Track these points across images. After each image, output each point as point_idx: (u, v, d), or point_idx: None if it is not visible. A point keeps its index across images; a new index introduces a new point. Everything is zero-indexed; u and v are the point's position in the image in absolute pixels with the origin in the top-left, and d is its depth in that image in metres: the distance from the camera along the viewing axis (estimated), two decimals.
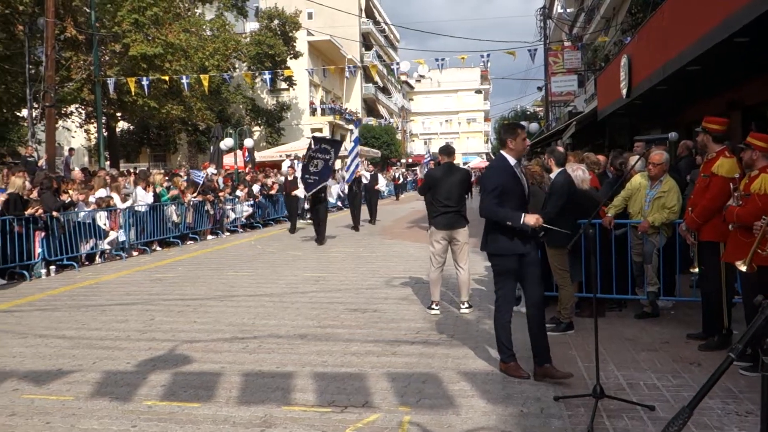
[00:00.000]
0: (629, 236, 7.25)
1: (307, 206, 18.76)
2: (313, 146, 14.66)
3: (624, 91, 13.47)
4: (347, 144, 37.93)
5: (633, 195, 7.15)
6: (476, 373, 5.28)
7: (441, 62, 20.97)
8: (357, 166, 18.48)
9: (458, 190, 7.36)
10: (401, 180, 39.48)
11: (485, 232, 5.24)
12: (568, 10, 32.27)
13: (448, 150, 7.84)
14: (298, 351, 6.02)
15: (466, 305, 7.52)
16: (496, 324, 5.26)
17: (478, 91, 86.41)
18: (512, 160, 5.11)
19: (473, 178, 11.96)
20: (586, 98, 26.51)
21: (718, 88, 11.77)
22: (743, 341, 1.84)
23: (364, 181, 19.90)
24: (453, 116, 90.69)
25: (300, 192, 15.55)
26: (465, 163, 58.65)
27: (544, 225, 5.03)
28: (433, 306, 7.52)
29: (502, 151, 5.29)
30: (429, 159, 28.21)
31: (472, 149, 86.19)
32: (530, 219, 4.88)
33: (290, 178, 17.86)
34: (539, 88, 36.59)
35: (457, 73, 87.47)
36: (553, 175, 6.56)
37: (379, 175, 21.91)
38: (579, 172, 6.95)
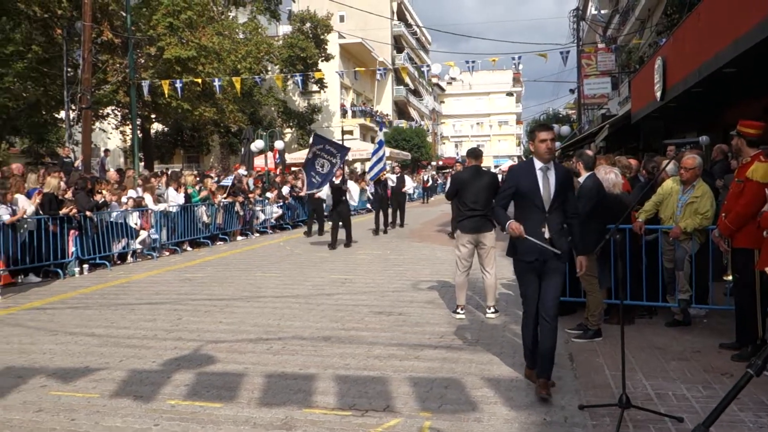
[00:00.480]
0: (660, 242, 7.10)
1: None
2: (316, 143, 14.40)
3: (658, 94, 13.23)
4: (361, 145, 38.22)
5: (664, 200, 7.00)
6: (500, 380, 5.21)
7: (472, 64, 20.80)
8: (382, 168, 17.89)
9: (485, 193, 7.28)
10: (430, 183, 39.08)
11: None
12: (602, 12, 31.89)
13: (475, 153, 7.76)
14: (322, 353, 6.02)
15: (492, 310, 7.44)
16: (522, 328, 5.15)
17: (510, 94, 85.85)
18: (538, 163, 4.85)
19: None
20: (619, 101, 26.12)
21: (755, 92, 11.49)
22: (762, 356, 1.76)
23: (391, 183, 19.32)
24: (484, 119, 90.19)
25: (322, 193, 15.16)
26: (496, 166, 58.30)
27: (527, 237, 4.71)
28: (459, 310, 7.45)
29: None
30: (460, 162, 27.95)
31: (504, 152, 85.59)
32: (512, 227, 4.73)
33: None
34: (572, 91, 36.19)
35: (489, 75, 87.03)
36: (581, 179, 6.45)
37: (407, 177, 21.31)
38: (611, 176, 6.83)
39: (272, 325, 7.15)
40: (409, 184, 21.40)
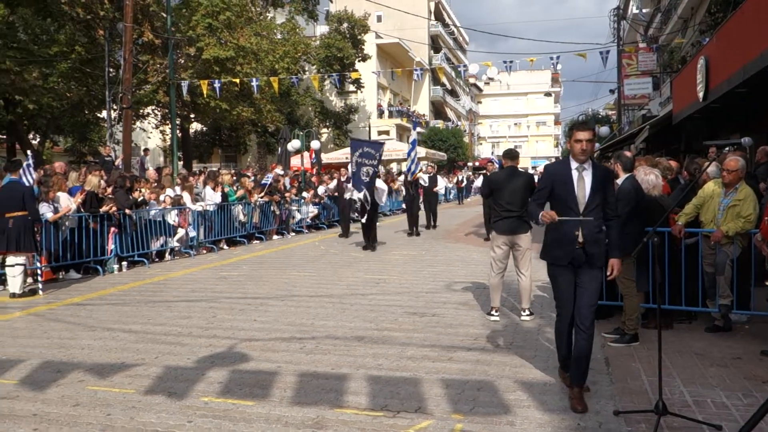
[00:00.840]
0: (700, 245, 6.94)
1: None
2: (354, 149, 14.12)
3: (701, 94, 12.95)
4: (398, 145, 38.13)
5: (705, 203, 6.83)
6: (534, 383, 5.14)
7: (510, 65, 20.59)
8: (417, 167, 17.68)
9: (521, 194, 7.21)
10: (465, 183, 38.23)
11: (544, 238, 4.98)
12: (644, 11, 31.33)
13: (511, 154, 7.69)
14: (354, 353, 6.02)
15: (527, 312, 7.36)
16: (555, 332, 5.01)
17: (548, 94, 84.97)
18: (574, 163, 4.67)
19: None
20: (661, 101, 25.65)
21: None
22: None
23: (423, 183, 18.77)
24: (522, 119, 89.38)
25: (356, 195, 14.45)
26: (534, 167, 57.76)
27: (560, 218, 4.55)
28: (493, 312, 7.39)
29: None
30: (493, 162, 26.72)
31: (542, 153, 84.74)
32: (544, 215, 4.59)
33: (343, 179, 17.60)
34: (612, 91, 35.63)
35: (527, 75, 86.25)
36: (620, 181, 6.34)
37: (439, 177, 20.59)
38: (651, 177, 6.69)
39: (306, 324, 7.18)
40: (441, 184, 20.69)
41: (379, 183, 14.77)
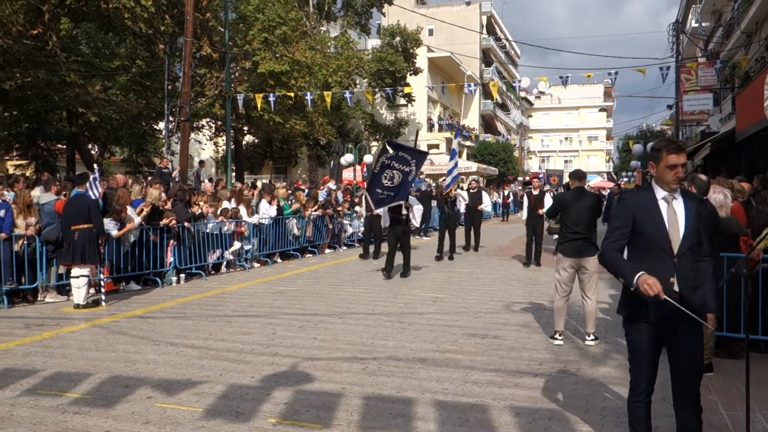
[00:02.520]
0: None
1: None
2: (390, 152, 12.03)
3: None
4: (444, 158, 37.87)
5: None
6: (606, 413, 4.97)
7: (566, 79, 20.29)
8: (452, 180, 15.41)
9: (588, 215, 7.05)
10: (511, 198, 36.10)
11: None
12: (704, 25, 30.58)
13: (578, 174, 7.53)
14: (418, 376, 5.92)
15: (592, 337, 7.15)
16: (629, 411, 3.92)
17: (603, 109, 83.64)
18: (660, 192, 3.71)
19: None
20: (721, 118, 24.97)
21: None
22: None
23: (461, 201, 16.20)
24: (573, 134, 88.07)
25: (380, 211, 12.68)
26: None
27: (669, 300, 3.46)
28: (557, 336, 7.21)
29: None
30: (541, 177, 24.95)
31: (593, 168, 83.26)
32: (648, 284, 3.40)
33: None
34: (669, 107, 34.85)
35: (579, 89, 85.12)
36: None
37: (484, 193, 18.15)
38: (719, 196, 6.44)
39: (366, 344, 7.12)
40: (486, 201, 18.02)
41: (413, 201, 12.68)
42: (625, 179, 52.88)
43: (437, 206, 18.79)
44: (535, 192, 14.10)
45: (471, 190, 17.41)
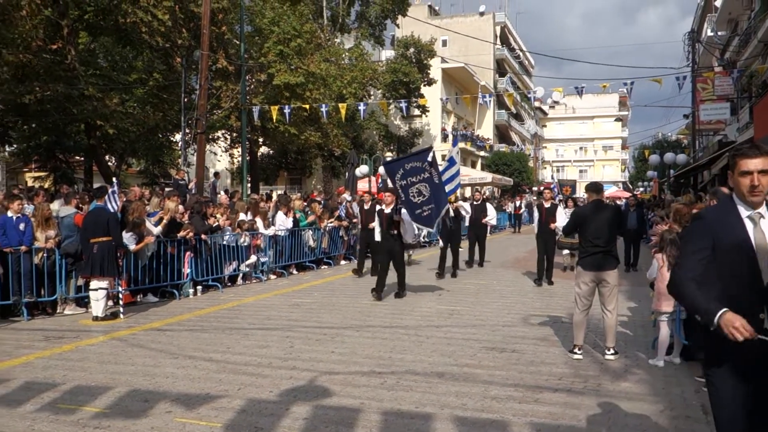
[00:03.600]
0: None
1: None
2: (393, 172, 11.30)
3: None
4: (462, 170, 37.73)
5: None
6: (628, 430, 4.91)
7: (582, 89, 20.22)
8: (451, 191, 13.48)
9: (607, 228, 7.01)
10: (523, 209, 35.07)
11: None
12: (719, 34, 30.41)
13: (596, 187, 7.48)
14: (436, 391, 5.89)
15: (612, 351, 7.08)
16: None
17: (618, 119, 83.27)
18: (744, 209, 3.08)
19: None
20: (738, 127, 24.78)
21: None
22: None
23: (464, 213, 15.00)
24: (588, 143, 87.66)
25: (409, 236, 11.52)
26: None
27: (763, 338, 2.82)
28: (576, 350, 7.14)
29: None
30: (554, 188, 23.51)
31: (608, 178, 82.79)
32: (735, 327, 2.77)
33: (366, 206, 14.81)
34: (686, 116, 34.65)
35: (594, 98, 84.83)
36: None
37: (488, 205, 17.01)
38: None
39: (384, 358, 7.10)
40: (491, 214, 16.73)
41: (404, 214, 11.28)
42: (641, 189, 52.59)
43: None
44: (547, 204, 13.09)
45: (475, 202, 16.50)
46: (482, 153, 52.25)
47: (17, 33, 17.07)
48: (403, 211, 11.31)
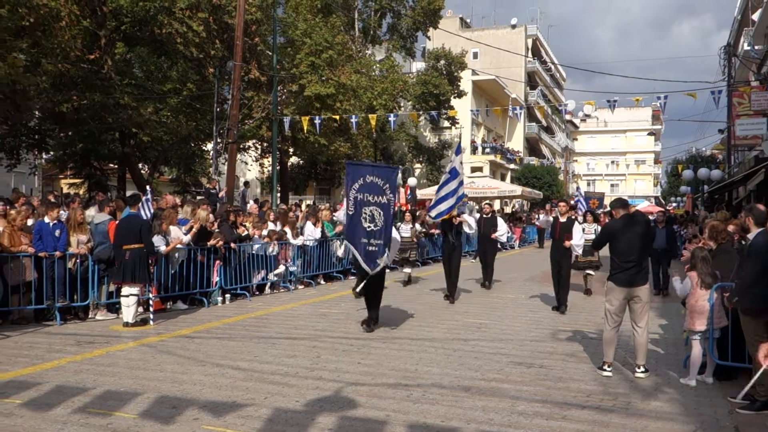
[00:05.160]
0: None
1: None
2: (355, 181, 9.50)
3: None
4: (491, 182, 37.56)
5: None
6: None
7: (614, 103, 20.03)
8: (453, 205, 12.08)
9: (639, 242, 6.91)
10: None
11: None
12: (756, 47, 29.90)
13: (623, 203, 7.37)
14: (463, 405, 5.85)
15: (642, 369, 6.96)
16: None
17: (651, 133, 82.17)
18: None
19: None
20: None
21: None
22: None
23: (467, 230, 12.79)
24: (620, 157, 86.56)
25: (350, 249, 9.92)
26: (633, 206, 55.74)
27: None
28: (605, 367, 7.04)
29: None
30: (577, 200, 21.87)
31: (640, 192, 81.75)
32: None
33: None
34: (721, 131, 34.10)
35: (626, 112, 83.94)
36: (751, 236, 5.95)
37: (499, 219, 15.09)
38: None
39: (410, 370, 7.07)
40: (502, 229, 14.89)
41: (393, 233, 10.04)
42: (674, 204, 51.81)
43: (440, 234, 16.24)
44: (562, 219, 11.44)
45: (484, 215, 14.69)
46: (512, 166, 51.98)
47: (56, 43, 17.46)
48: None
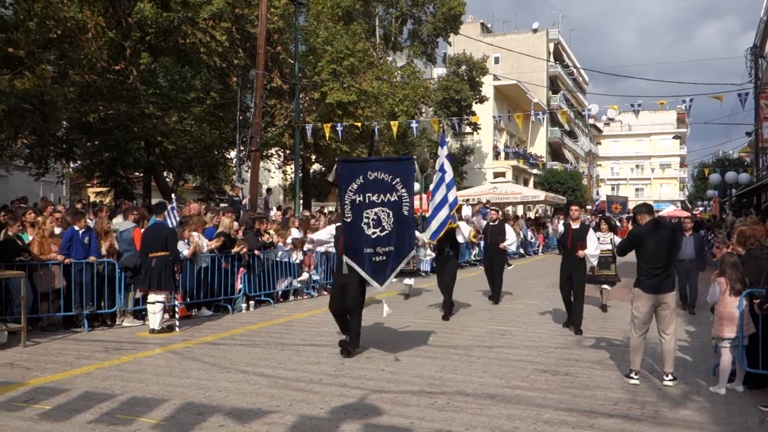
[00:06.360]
0: None
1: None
2: (351, 181, 8.03)
3: None
4: (515, 188, 37.37)
5: None
6: None
7: (638, 107, 19.82)
8: (448, 216, 10.79)
9: (667, 248, 6.83)
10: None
11: None
12: None
13: (648, 208, 7.30)
14: (488, 413, 5.82)
15: (670, 377, 6.87)
16: None
17: (677, 137, 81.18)
18: None
19: None
20: None
21: None
22: None
23: (460, 239, 11.40)
24: (645, 161, 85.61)
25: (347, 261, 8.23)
26: (657, 211, 55.22)
27: None
28: (632, 375, 6.96)
29: None
30: (597, 205, 21.16)
31: (665, 196, 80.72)
32: None
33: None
34: (748, 134, 33.63)
35: (650, 115, 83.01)
36: None
37: (507, 226, 13.67)
38: None
39: (434, 378, 7.05)
40: (511, 238, 13.39)
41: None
42: (701, 209, 51.15)
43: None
44: (575, 225, 10.01)
45: (491, 223, 13.52)
46: (535, 171, 51.73)
47: (83, 54, 17.75)
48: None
